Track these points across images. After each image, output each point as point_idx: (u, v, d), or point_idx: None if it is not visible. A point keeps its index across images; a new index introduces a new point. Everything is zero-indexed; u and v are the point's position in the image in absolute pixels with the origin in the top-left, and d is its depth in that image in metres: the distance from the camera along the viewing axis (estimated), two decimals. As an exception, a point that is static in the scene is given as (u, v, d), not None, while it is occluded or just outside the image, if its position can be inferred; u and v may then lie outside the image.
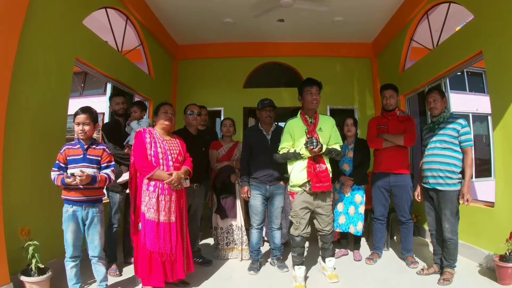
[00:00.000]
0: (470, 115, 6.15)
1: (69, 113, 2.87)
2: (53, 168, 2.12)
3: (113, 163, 2.26)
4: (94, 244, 2.17)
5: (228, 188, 3.15)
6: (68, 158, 2.13)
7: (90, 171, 2.11)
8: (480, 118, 6.21)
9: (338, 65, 5.45)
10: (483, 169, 5.73)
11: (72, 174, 2.02)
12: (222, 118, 5.18)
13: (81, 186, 2.06)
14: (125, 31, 4.07)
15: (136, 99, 4.30)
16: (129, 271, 2.72)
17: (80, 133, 2.15)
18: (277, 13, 4.22)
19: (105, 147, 2.25)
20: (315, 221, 2.57)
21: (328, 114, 5.35)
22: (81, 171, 2.05)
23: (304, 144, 2.38)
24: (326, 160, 2.48)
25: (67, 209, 2.10)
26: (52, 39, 2.67)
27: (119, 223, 2.83)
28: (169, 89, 5.42)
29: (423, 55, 4.00)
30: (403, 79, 4.40)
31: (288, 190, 2.61)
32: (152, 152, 2.32)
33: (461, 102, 6.13)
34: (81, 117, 2.14)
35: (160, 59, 4.98)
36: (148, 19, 4.32)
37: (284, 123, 2.66)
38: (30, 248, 2.17)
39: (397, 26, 4.39)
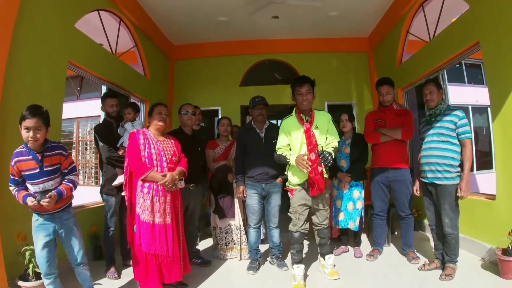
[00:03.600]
0: (470, 107, 6.07)
1: (66, 117, 2.86)
2: (9, 183, 1.87)
3: (73, 165, 2.03)
4: (76, 250, 2.02)
5: (225, 188, 3.12)
6: (23, 173, 1.84)
7: (52, 183, 1.89)
8: (480, 110, 6.13)
9: (335, 61, 5.40)
10: (485, 161, 5.66)
11: (38, 201, 1.79)
12: (219, 117, 5.15)
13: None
14: (119, 33, 4.05)
15: (132, 100, 4.28)
16: (128, 274, 2.71)
17: (30, 140, 1.80)
18: (271, 10, 4.17)
19: (61, 151, 1.95)
20: (313, 216, 2.55)
21: (326, 110, 5.30)
22: (48, 196, 1.79)
23: (320, 163, 2.30)
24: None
25: (37, 218, 1.88)
26: (43, 43, 2.65)
27: (116, 226, 2.82)
28: (165, 89, 5.40)
29: (420, 48, 3.95)
30: (400, 72, 4.34)
31: (287, 186, 2.58)
32: (145, 153, 2.30)
33: (460, 94, 6.05)
34: (32, 122, 1.78)
35: (155, 60, 4.96)
36: (142, 21, 4.30)
37: (280, 120, 2.63)
38: (27, 253, 2.16)
39: (393, 19, 4.33)
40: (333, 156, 2.38)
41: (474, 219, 2.89)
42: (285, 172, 2.58)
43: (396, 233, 3.64)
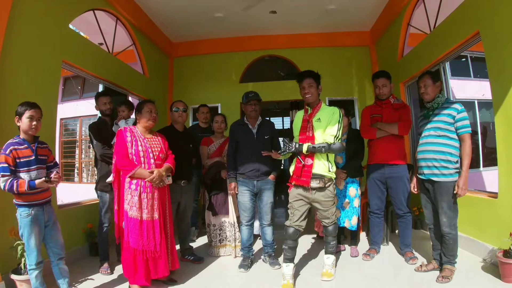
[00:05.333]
0: (476, 101, 5.81)
1: (69, 115, 2.89)
2: (2, 173, 1.88)
3: (56, 161, 2.23)
4: (60, 244, 2.11)
5: (218, 185, 3.11)
6: (18, 160, 1.93)
7: (43, 172, 2.03)
8: (486, 105, 5.84)
9: (336, 55, 5.25)
10: (492, 157, 5.42)
11: (49, 179, 1.98)
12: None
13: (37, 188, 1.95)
14: (115, 32, 4.08)
15: (130, 99, 4.31)
16: (121, 270, 2.73)
17: (33, 128, 1.99)
18: (268, 4, 4.11)
19: (47, 145, 2.18)
20: (317, 212, 2.52)
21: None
22: (57, 172, 2.06)
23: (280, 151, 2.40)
24: (319, 160, 2.34)
25: (28, 212, 1.95)
26: (37, 43, 2.67)
27: (110, 222, 2.84)
28: (164, 87, 5.41)
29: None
30: (401, 66, 4.20)
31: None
32: (133, 151, 2.31)
33: (466, 88, 5.81)
34: (35, 112, 1.99)
35: (154, 58, 4.97)
36: (139, 19, 4.31)
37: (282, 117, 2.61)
38: (19, 248, 2.20)
39: (393, 11, 4.18)
40: (322, 150, 2.28)
41: (475, 218, 2.77)
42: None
43: (397, 231, 3.52)
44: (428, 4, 3.69)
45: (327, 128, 2.35)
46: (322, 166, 2.34)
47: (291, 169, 2.45)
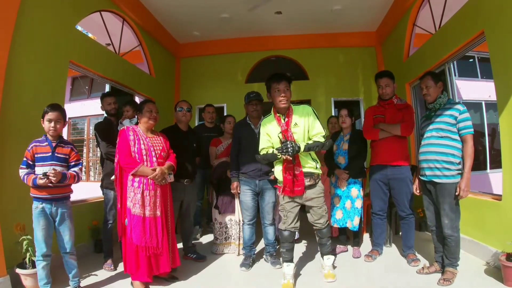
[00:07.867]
0: (483, 102, 5.71)
1: (77, 115, 2.95)
2: (21, 166, 2.11)
3: (80, 161, 2.31)
4: (66, 240, 2.19)
5: (225, 184, 3.14)
6: (36, 155, 2.12)
7: (58, 169, 2.13)
8: (493, 106, 5.74)
9: (342, 56, 5.24)
10: (500, 160, 5.31)
11: (45, 174, 2.02)
12: (225, 114, 5.18)
13: (51, 185, 2.05)
14: (122, 32, 4.15)
15: (137, 98, 4.38)
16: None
17: (52, 129, 2.15)
18: (273, 5, 4.12)
19: (72, 146, 2.29)
20: (308, 214, 2.47)
21: (332, 106, 5.18)
22: (54, 169, 2.09)
23: (277, 150, 2.17)
24: (305, 159, 2.30)
25: (37, 206, 2.09)
26: (44, 44, 2.75)
27: (114, 219, 2.89)
28: (171, 87, 5.48)
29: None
30: (407, 66, 4.16)
31: (277, 184, 2.53)
32: (135, 149, 2.35)
33: (473, 89, 5.71)
34: (54, 115, 2.15)
35: (160, 58, 5.04)
36: (146, 20, 4.38)
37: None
38: (24, 243, 2.28)
39: (399, 11, 4.15)
40: (315, 149, 2.22)
41: (479, 220, 2.73)
42: (272, 169, 2.53)
43: (401, 233, 3.49)
44: (433, 4, 3.66)
45: (311, 130, 2.28)
46: (310, 164, 2.31)
47: (278, 176, 2.36)
